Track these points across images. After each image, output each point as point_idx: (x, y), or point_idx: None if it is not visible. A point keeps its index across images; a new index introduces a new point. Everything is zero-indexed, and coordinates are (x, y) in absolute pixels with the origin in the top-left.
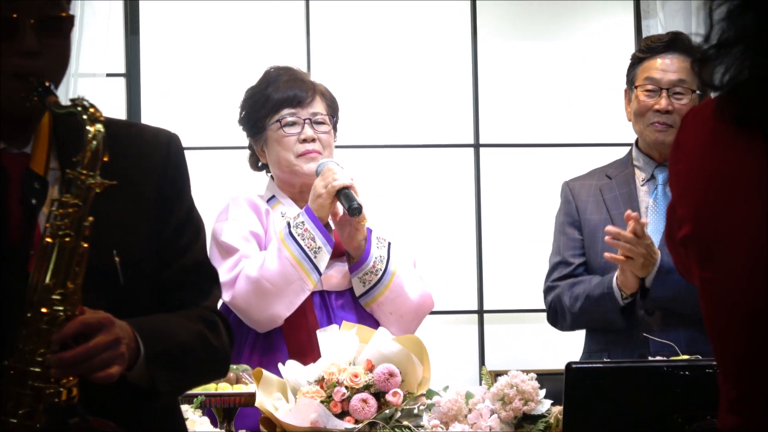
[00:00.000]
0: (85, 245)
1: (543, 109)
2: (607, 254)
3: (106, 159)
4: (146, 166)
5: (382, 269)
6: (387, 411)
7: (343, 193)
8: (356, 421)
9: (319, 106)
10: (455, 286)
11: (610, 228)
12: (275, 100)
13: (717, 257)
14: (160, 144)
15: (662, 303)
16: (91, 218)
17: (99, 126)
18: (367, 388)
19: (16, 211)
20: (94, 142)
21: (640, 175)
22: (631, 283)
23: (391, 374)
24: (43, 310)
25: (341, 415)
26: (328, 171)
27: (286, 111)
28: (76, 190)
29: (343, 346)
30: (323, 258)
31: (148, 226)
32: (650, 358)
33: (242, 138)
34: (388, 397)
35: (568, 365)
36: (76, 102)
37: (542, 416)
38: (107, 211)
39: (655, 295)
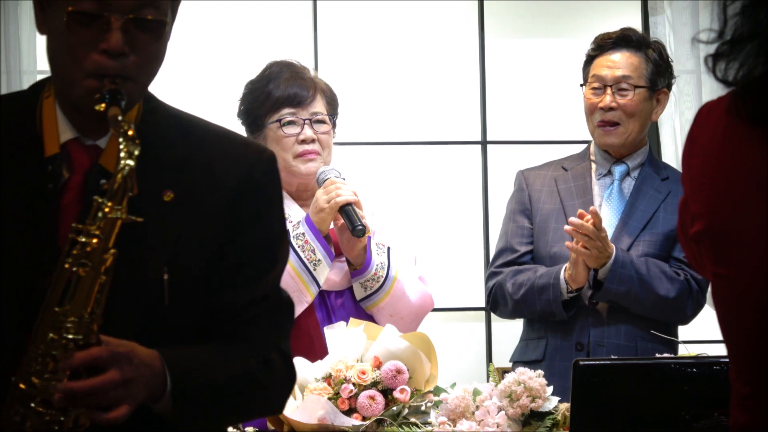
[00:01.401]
0: (105, 278)
1: (549, 107)
2: (568, 243)
3: (134, 193)
4: (223, 181)
5: (384, 276)
6: (394, 408)
7: (346, 210)
8: (364, 418)
9: (319, 105)
10: (462, 282)
11: (573, 220)
12: (275, 99)
13: (731, 253)
14: (247, 159)
15: (614, 296)
16: (113, 251)
17: (130, 161)
18: (374, 385)
19: (74, 206)
20: (120, 175)
21: (596, 170)
22: (582, 277)
23: (399, 371)
24: (52, 335)
25: (349, 412)
26: (332, 185)
27: (286, 110)
28: (100, 221)
29: (350, 343)
30: (323, 271)
31: (210, 246)
32: (657, 355)
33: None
34: (396, 394)
35: (576, 362)
36: (123, 128)
37: (549, 413)
38: (167, 223)
39: (609, 287)
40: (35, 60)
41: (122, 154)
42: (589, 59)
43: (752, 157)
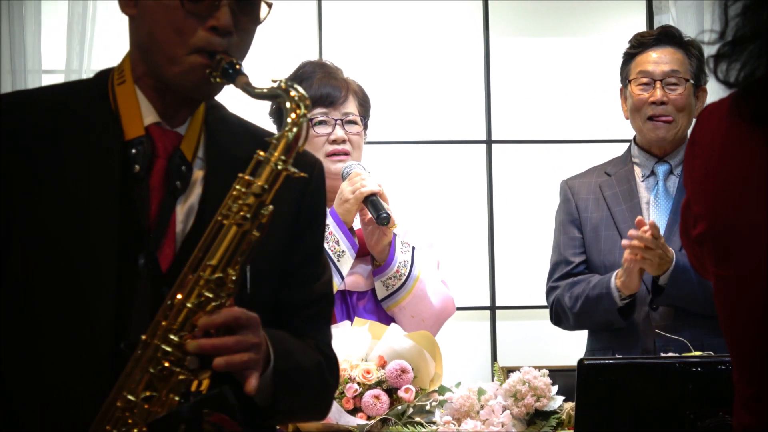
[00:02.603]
0: (257, 234)
1: (554, 106)
2: (626, 257)
3: (302, 149)
4: (288, 184)
5: (406, 274)
6: (399, 407)
7: (370, 200)
8: (368, 418)
9: (351, 106)
10: (467, 282)
11: (632, 232)
12: None
13: (733, 255)
14: (305, 166)
15: (675, 301)
16: (271, 207)
17: (303, 111)
18: (379, 384)
19: (157, 190)
20: (295, 129)
21: (639, 172)
22: (634, 284)
23: (404, 370)
24: (202, 290)
25: (353, 412)
26: (357, 176)
27: (318, 110)
28: (264, 173)
29: (355, 343)
30: (347, 262)
31: (277, 244)
32: (662, 354)
33: None
34: (401, 393)
35: (581, 362)
36: (279, 83)
37: (554, 412)
38: None
39: (670, 292)
40: (40, 59)
41: (291, 109)
42: (629, 57)
43: (754, 158)
